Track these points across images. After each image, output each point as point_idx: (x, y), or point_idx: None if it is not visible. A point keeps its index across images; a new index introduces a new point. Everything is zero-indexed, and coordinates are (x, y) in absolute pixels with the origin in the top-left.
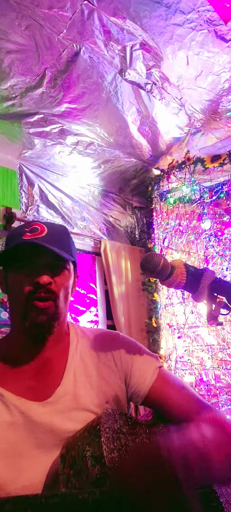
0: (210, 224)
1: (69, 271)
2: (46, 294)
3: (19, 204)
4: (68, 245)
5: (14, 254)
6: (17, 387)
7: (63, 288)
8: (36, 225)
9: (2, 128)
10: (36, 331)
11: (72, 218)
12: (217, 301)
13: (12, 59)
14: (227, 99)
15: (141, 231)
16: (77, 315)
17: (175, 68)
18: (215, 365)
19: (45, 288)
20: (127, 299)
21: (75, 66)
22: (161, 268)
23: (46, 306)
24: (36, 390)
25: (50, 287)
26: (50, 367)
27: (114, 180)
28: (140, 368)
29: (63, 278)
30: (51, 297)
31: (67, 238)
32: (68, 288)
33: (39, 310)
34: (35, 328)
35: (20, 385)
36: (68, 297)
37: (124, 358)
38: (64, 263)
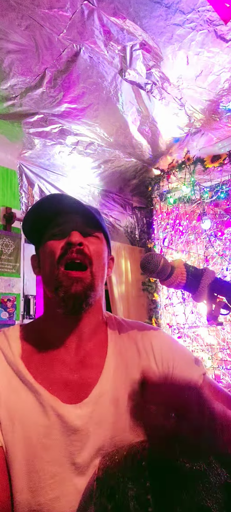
0: (210, 224)
1: (101, 240)
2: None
3: (19, 204)
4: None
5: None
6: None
7: (97, 255)
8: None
9: (2, 128)
10: (71, 302)
11: None
12: (217, 301)
13: (12, 59)
14: (227, 99)
15: (141, 231)
16: None
17: (175, 68)
18: (215, 365)
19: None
20: (127, 299)
21: (75, 66)
22: (161, 268)
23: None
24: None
25: (83, 249)
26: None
27: (115, 180)
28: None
29: (95, 245)
30: (85, 260)
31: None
32: (103, 258)
33: (73, 278)
34: (70, 299)
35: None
36: (104, 268)
37: (166, 356)
38: (95, 231)
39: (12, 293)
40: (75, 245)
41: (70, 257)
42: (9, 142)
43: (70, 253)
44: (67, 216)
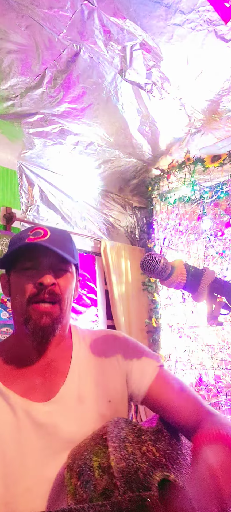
0: (210, 224)
1: (72, 274)
2: (49, 295)
3: (19, 204)
4: (70, 248)
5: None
6: (21, 387)
7: (67, 291)
8: (39, 228)
9: (2, 128)
10: (39, 334)
11: (72, 218)
12: (217, 301)
13: (12, 59)
14: (227, 99)
15: (141, 231)
16: (77, 315)
17: (175, 68)
18: (215, 365)
19: (48, 289)
20: (127, 299)
21: (75, 66)
22: (161, 268)
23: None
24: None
25: (54, 289)
26: (54, 367)
27: (115, 180)
28: (140, 367)
29: (66, 281)
30: (55, 299)
31: (69, 242)
32: (72, 291)
33: (42, 312)
34: (39, 331)
35: (24, 385)
36: (71, 300)
37: (126, 356)
38: (67, 266)
39: None
40: (48, 287)
41: (42, 298)
42: (9, 142)
43: (42, 294)
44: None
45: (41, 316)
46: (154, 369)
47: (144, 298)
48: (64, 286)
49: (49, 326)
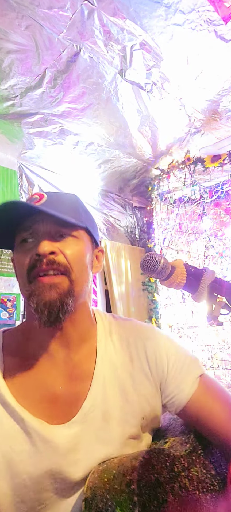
0: (210, 224)
1: (80, 239)
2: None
3: None
4: (75, 209)
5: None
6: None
7: (76, 259)
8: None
9: (2, 128)
10: (45, 312)
11: None
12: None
13: (12, 59)
14: (227, 99)
15: (141, 231)
16: None
17: (175, 68)
18: (215, 365)
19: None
20: (127, 299)
21: (75, 66)
22: (161, 268)
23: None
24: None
25: (55, 258)
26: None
27: (114, 180)
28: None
29: (73, 247)
30: (59, 269)
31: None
32: (84, 259)
33: (46, 285)
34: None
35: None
36: (86, 271)
37: (160, 361)
38: (70, 230)
39: (12, 293)
40: (45, 256)
41: (41, 269)
42: (9, 142)
43: (39, 266)
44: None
45: (45, 289)
46: (194, 380)
47: (144, 298)
48: (70, 253)
49: (56, 301)
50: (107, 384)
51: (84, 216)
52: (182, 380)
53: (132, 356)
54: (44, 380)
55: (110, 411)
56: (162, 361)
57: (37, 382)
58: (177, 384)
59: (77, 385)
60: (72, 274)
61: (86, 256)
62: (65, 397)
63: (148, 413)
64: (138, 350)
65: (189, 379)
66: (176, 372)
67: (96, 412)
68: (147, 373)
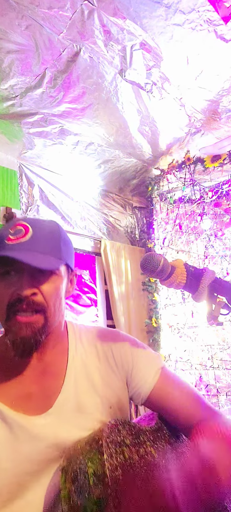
0: (210, 224)
1: (59, 275)
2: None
3: (19, 204)
4: (57, 246)
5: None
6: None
7: (52, 296)
8: (21, 225)
9: (2, 128)
10: (20, 346)
11: (72, 218)
12: (217, 301)
13: (12, 59)
14: (227, 99)
15: (141, 231)
16: (77, 315)
17: (175, 68)
18: (215, 365)
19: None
20: (127, 299)
21: (75, 66)
22: (161, 268)
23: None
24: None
25: (34, 299)
26: (49, 373)
27: (115, 180)
28: (141, 368)
29: (51, 285)
30: (37, 308)
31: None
32: (60, 292)
33: (22, 324)
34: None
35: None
36: (61, 302)
37: (125, 358)
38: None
39: None
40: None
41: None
42: (9, 142)
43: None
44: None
45: (21, 327)
46: (156, 371)
47: (144, 298)
48: (48, 291)
49: (30, 338)
50: (78, 379)
51: (64, 249)
52: (145, 372)
53: (99, 355)
54: (20, 379)
55: (82, 401)
56: (126, 357)
57: (13, 381)
58: (141, 376)
59: (51, 381)
60: (47, 311)
61: (62, 289)
62: (40, 392)
63: (115, 403)
64: (104, 349)
65: (151, 371)
66: (139, 366)
67: (70, 404)
68: (114, 368)
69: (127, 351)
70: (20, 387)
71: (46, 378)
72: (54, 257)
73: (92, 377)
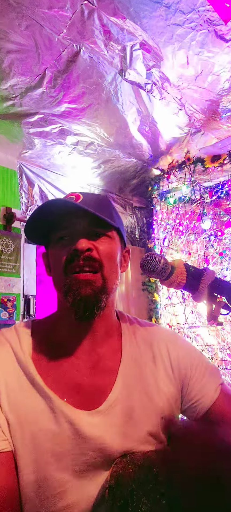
0: (210, 224)
1: (112, 238)
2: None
3: (19, 204)
4: (109, 212)
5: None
6: (64, 387)
7: (108, 257)
8: (72, 194)
9: (2, 128)
10: (81, 306)
11: None
12: (217, 301)
13: (12, 59)
14: (227, 99)
15: (141, 231)
16: None
17: (175, 68)
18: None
19: (84, 255)
20: (127, 299)
21: (75, 66)
22: (161, 268)
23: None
24: (85, 394)
25: (91, 254)
26: (101, 366)
27: (115, 180)
28: (200, 380)
29: (106, 245)
30: (94, 265)
31: (107, 205)
32: (115, 258)
33: (82, 282)
34: (80, 302)
35: (67, 385)
36: (116, 269)
37: (183, 365)
38: (105, 230)
39: (12, 293)
40: (83, 252)
41: (78, 265)
42: (9, 142)
43: (77, 261)
44: (74, 218)
45: (81, 285)
46: (216, 387)
47: (144, 298)
48: (103, 250)
49: (91, 297)
50: (131, 381)
51: (116, 217)
52: (205, 385)
53: (155, 356)
54: (70, 368)
55: (132, 406)
56: (185, 363)
57: (63, 369)
58: (200, 389)
59: (102, 378)
60: (104, 270)
61: (117, 255)
62: (89, 387)
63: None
64: (161, 351)
65: (212, 385)
66: (199, 376)
67: (120, 406)
68: (169, 374)
69: (186, 357)
70: (71, 376)
71: (97, 373)
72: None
73: (146, 381)
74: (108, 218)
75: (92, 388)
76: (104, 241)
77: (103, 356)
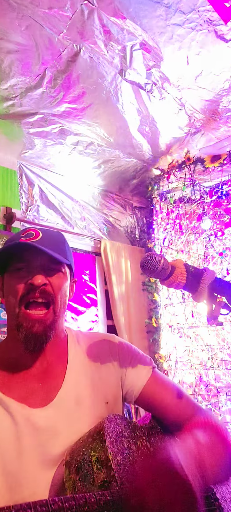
0: (210, 224)
1: (65, 274)
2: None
3: (19, 204)
4: (63, 249)
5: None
6: (19, 393)
7: (60, 291)
8: (32, 230)
9: (2, 128)
10: (32, 342)
11: (72, 218)
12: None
13: (12, 59)
14: (227, 99)
15: (141, 231)
16: (77, 315)
17: (175, 68)
18: (215, 365)
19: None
20: (127, 299)
21: (75, 66)
22: (161, 268)
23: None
24: (38, 395)
25: (46, 289)
26: (51, 371)
27: (115, 180)
28: (134, 369)
29: (59, 280)
30: (48, 298)
31: (62, 243)
32: (66, 291)
33: (35, 320)
34: (31, 339)
35: (22, 391)
36: (66, 301)
37: (121, 358)
38: (59, 266)
39: None
40: (39, 287)
41: (32, 297)
42: (9, 142)
43: (32, 293)
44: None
45: (33, 323)
46: (147, 371)
47: (144, 298)
48: (57, 285)
49: (41, 334)
50: (78, 377)
51: (68, 253)
52: (138, 372)
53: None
54: (24, 377)
55: (80, 396)
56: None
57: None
58: (134, 375)
59: (53, 380)
60: (56, 305)
61: (67, 288)
62: (43, 388)
63: (110, 399)
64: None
65: (143, 370)
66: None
67: (69, 398)
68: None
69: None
70: (25, 383)
71: (48, 376)
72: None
73: (90, 374)
74: (62, 255)
75: (45, 389)
76: (57, 276)
77: (53, 362)
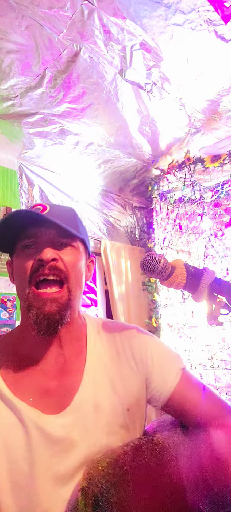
0: (210, 224)
1: (78, 249)
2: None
3: (19, 204)
4: (75, 223)
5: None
6: (31, 394)
7: (73, 267)
8: (39, 205)
9: (2, 128)
10: (44, 323)
11: None
12: (217, 301)
13: (12, 59)
14: (227, 99)
15: (141, 231)
16: None
17: (175, 68)
18: (215, 365)
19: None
20: (127, 299)
21: (75, 66)
22: (161, 268)
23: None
24: (53, 397)
25: (56, 265)
26: (67, 369)
27: (115, 180)
28: (161, 369)
29: (72, 256)
30: (60, 275)
31: (73, 217)
32: (80, 268)
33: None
34: (43, 320)
35: (33, 391)
36: (81, 279)
37: (144, 357)
38: (70, 240)
39: (12, 293)
40: (48, 262)
41: (42, 273)
42: (9, 142)
43: (42, 270)
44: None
45: (45, 302)
46: (177, 373)
47: (144, 298)
48: (69, 261)
49: (55, 313)
50: (97, 377)
51: (81, 228)
52: (165, 373)
53: (118, 351)
54: (38, 375)
55: (100, 402)
56: (147, 356)
57: (31, 377)
58: (161, 377)
59: (69, 379)
60: (70, 282)
61: (82, 264)
62: (58, 390)
63: (133, 404)
64: (124, 346)
65: (172, 372)
66: (160, 366)
67: (88, 403)
68: (133, 367)
69: (147, 349)
70: (39, 382)
71: (64, 374)
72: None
73: (111, 376)
74: (74, 229)
75: (60, 391)
76: (69, 251)
77: (69, 358)
